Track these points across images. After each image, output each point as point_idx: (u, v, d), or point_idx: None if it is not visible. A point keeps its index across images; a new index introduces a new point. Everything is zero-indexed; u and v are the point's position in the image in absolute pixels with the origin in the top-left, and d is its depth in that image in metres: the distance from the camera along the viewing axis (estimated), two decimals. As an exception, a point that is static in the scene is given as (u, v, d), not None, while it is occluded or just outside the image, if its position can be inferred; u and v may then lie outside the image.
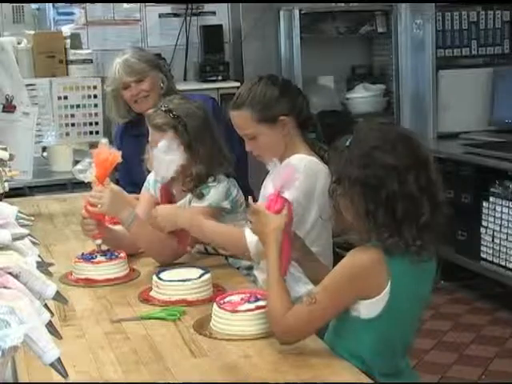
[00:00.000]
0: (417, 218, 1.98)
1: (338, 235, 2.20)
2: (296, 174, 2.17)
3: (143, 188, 3.08)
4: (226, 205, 2.85)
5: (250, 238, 2.46)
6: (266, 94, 2.57)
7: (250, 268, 2.78)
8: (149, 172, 3.01)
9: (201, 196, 2.81)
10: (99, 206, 2.70)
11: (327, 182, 2.16)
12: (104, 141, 2.79)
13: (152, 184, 3.04)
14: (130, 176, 3.48)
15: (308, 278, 2.26)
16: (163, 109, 2.86)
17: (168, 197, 2.94)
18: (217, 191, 2.83)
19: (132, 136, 3.54)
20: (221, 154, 2.88)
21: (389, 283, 1.96)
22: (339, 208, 2.05)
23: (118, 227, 2.86)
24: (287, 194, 2.19)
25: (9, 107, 3.98)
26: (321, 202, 2.50)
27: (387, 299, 1.97)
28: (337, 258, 2.30)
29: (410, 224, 1.97)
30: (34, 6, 5.22)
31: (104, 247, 2.79)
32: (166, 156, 2.76)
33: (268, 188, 2.32)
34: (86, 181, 2.74)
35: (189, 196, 2.86)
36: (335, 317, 2.04)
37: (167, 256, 2.79)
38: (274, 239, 2.12)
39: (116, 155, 2.73)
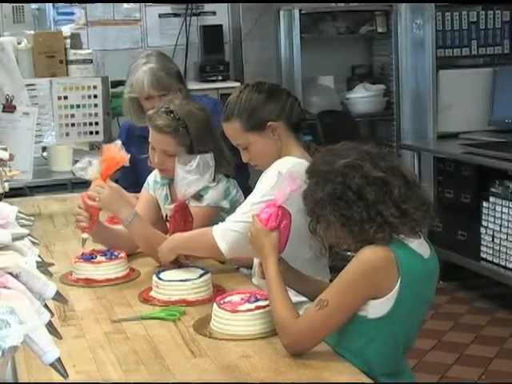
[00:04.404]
0: (389, 194, 2.00)
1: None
2: (300, 185, 2.15)
3: (143, 188, 3.08)
4: (225, 204, 2.84)
5: (217, 236, 2.46)
6: (251, 101, 2.54)
7: (251, 268, 2.76)
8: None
9: (199, 197, 2.81)
10: (97, 199, 2.70)
11: None
12: (119, 143, 2.77)
13: (151, 184, 3.04)
14: (134, 176, 3.47)
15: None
16: (164, 110, 2.85)
17: (185, 214, 2.71)
18: (215, 191, 2.83)
19: (137, 136, 3.52)
20: (221, 155, 2.87)
21: (399, 281, 1.96)
22: (330, 242, 2.09)
23: (116, 226, 2.85)
24: (292, 206, 2.18)
25: (9, 107, 3.96)
26: None
27: (396, 298, 1.97)
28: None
29: (386, 204, 1.99)
30: (34, 5, 5.22)
31: (96, 245, 2.79)
32: (191, 175, 2.65)
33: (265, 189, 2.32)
34: (86, 178, 2.75)
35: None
36: (347, 319, 2.00)
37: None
38: (268, 253, 2.13)
39: (124, 157, 2.71)
